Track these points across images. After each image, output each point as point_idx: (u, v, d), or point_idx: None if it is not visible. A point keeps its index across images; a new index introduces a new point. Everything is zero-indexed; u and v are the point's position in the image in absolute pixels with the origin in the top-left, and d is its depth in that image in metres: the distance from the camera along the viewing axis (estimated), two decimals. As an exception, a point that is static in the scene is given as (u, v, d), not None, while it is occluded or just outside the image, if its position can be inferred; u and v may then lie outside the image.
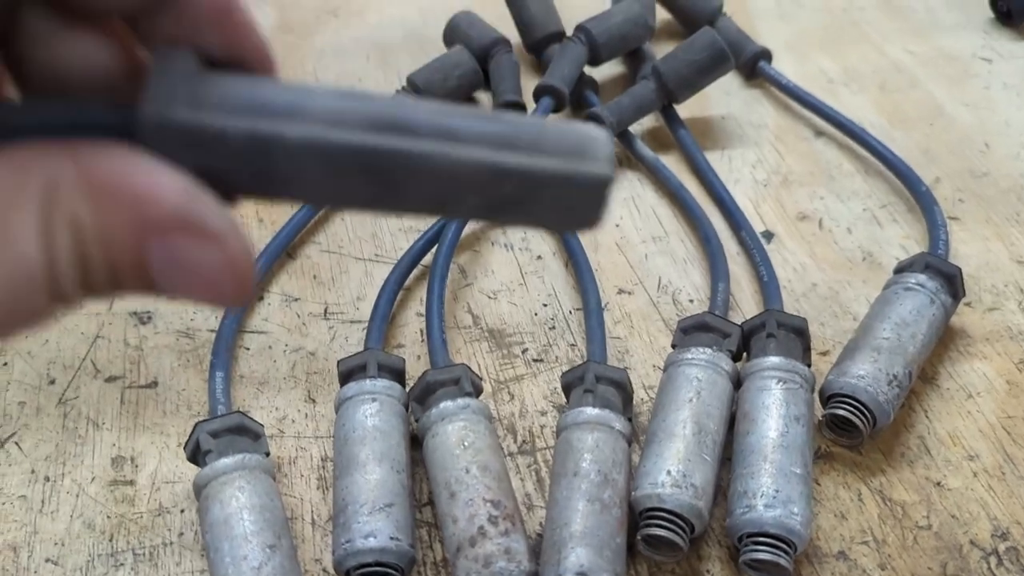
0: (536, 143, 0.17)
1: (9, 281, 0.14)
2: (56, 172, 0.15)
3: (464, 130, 0.16)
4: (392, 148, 0.16)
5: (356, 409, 0.41)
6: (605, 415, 0.40)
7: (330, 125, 0.16)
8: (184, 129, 0.15)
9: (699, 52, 0.57)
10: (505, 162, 0.16)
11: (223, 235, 0.16)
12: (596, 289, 0.48)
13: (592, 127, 0.18)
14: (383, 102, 0.17)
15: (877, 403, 0.41)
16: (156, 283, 0.16)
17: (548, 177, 0.17)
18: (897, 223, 0.54)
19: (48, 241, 0.14)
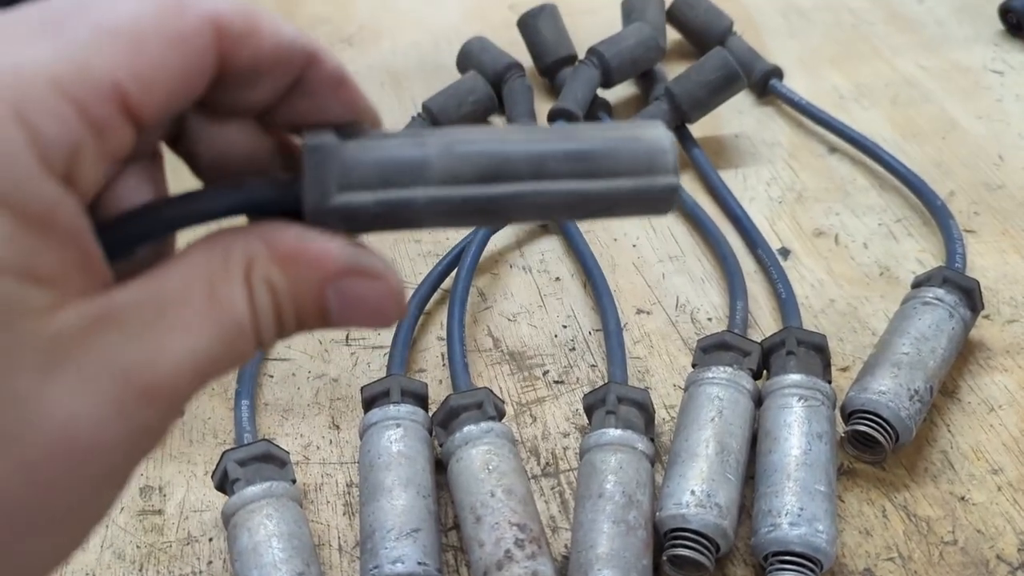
0: (613, 166, 0.20)
1: (227, 335, 0.19)
2: (252, 250, 0.19)
3: (554, 166, 0.20)
4: (498, 195, 0.20)
5: (380, 435, 0.41)
6: (628, 436, 0.40)
7: (447, 184, 0.20)
8: (338, 209, 0.20)
9: (711, 72, 0.58)
10: (589, 190, 0.20)
11: (385, 272, 0.20)
12: (615, 310, 0.48)
13: (658, 134, 0.21)
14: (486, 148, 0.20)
15: (899, 419, 0.41)
16: (332, 320, 0.20)
17: (626, 195, 0.20)
18: (913, 237, 0.54)
19: (252, 302, 0.19)
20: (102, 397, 0.17)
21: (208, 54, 0.19)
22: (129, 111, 0.18)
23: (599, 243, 0.55)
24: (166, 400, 0.18)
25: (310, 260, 0.19)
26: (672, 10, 0.68)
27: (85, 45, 0.17)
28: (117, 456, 0.18)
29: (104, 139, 0.18)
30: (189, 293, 0.18)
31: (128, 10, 0.18)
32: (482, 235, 0.52)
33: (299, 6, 0.80)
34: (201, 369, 0.18)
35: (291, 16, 0.79)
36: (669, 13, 0.68)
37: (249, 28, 0.19)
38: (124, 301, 0.18)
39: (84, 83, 0.17)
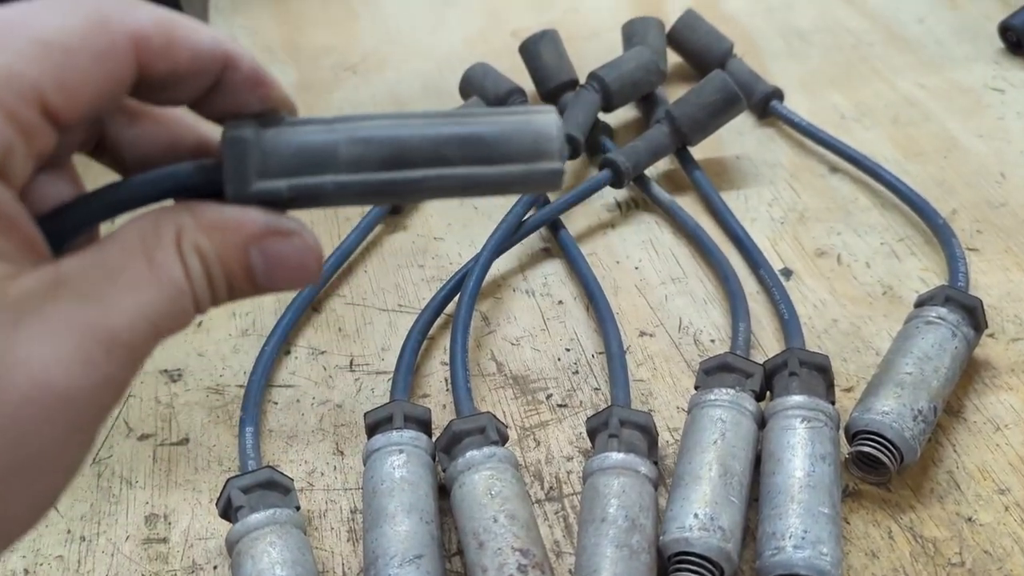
0: (504, 153, 0.22)
1: (169, 295, 0.21)
2: (180, 221, 0.21)
3: (449, 153, 0.22)
4: (399, 180, 0.22)
5: (384, 461, 0.41)
6: (630, 460, 0.40)
7: (353, 172, 0.22)
8: (256, 195, 0.22)
9: (711, 95, 0.58)
10: (482, 174, 0.23)
11: (299, 230, 0.23)
12: (618, 333, 0.48)
13: (546, 120, 0.23)
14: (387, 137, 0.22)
15: (903, 439, 0.41)
16: (259, 282, 0.22)
17: (516, 178, 0.23)
18: (915, 256, 0.54)
19: (184, 266, 0.21)
20: (69, 348, 0.19)
21: (127, 66, 0.21)
22: (53, 115, 0.20)
23: (601, 266, 0.55)
24: (126, 350, 0.20)
25: (231, 225, 0.22)
26: (672, 33, 0.69)
27: (14, 56, 0.19)
28: (85, 404, 0.20)
29: (30, 140, 0.20)
30: (129, 259, 0.20)
31: (57, 25, 0.20)
32: (484, 260, 0.52)
33: (304, 36, 0.81)
34: (152, 323, 0.20)
35: (296, 47, 0.80)
36: (670, 36, 0.69)
37: (167, 41, 0.21)
38: (73, 268, 0.20)
39: (11, 91, 0.19)
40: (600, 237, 0.58)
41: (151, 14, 0.21)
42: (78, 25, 0.20)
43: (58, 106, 0.20)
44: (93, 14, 0.20)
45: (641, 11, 0.79)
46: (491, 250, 0.53)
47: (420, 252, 0.58)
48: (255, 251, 0.22)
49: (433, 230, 0.59)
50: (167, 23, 0.21)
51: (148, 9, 0.21)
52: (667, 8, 0.80)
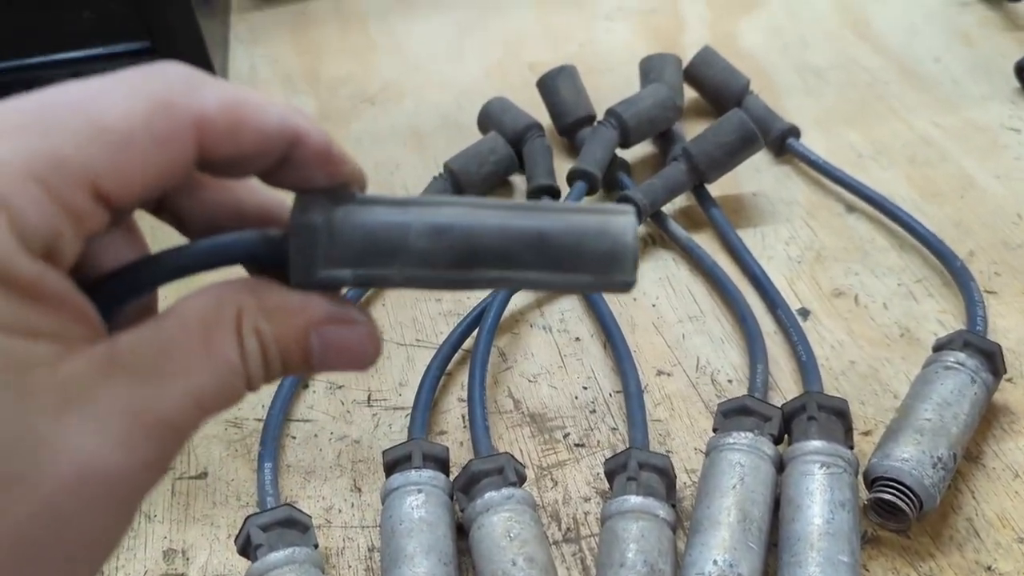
0: (576, 263, 0.22)
1: (222, 376, 0.21)
2: (242, 301, 0.21)
3: (522, 258, 0.22)
4: (469, 279, 0.22)
5: (402, 501, 0.41)
6: (649, 503, 0.40)
7: (421, 266, 0.22)
8: (320, 282, 0.22)
9: (729, 134, 0.59)
10: (552, 281, 0.22)
11: (362, 318, 0.23)
12: (636, 372, 0.49)
13: (624, 228, 0.22)
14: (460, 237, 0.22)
15: (923, 487, 0.41)
16: (315, 365, 0.22)
17: (584, 286, 0.22)
18: (933, 298, 0.54)
19: (242, 347, 0.21)
20: (113, 434, 0.19)
21: (188, 151, 0.20)
22: (105, 199, 0.20)
23: (618, 302, 0.55)
24: (171, 435, 0.20)
25: (295, 310, 0.22)
26: (689, 70, 0.69)
27: (69, 138, 0.19)
28: (128, 487, 0.19)
29: (80, 223, 0.19)
30: (186, 338, 0.20)
31: (117, 108, 0.19)
32: (502, 296, 0.53)
33: (322, 65, 0.82)
34: (201, 404, 0.20)
35: (315, 77, 0.81)
36: (686, 72, 0.69)
37: (232, 124, 0.21)
38: (127, 346, 0.20)
39: (61, 175, 0.19)
40: (617, 274, 0.58)
41: (218, 95, 0.21)
42: (139, 109, 0.20)
43: (111, 191, 0.19)
44: (156, 97, 0.20)
45: (657, 45, 0.80)
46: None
47: (438, 286, 0.58)
48: (315, 335, 0.22)
49: (451, 264, 0.59)
50: (234, 105, 0.21)
51: (215, 89, 0.21)
52: (683, 42, 0.81)
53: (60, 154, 0.19)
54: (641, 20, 0.85)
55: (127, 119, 0.19)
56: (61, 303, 0.19)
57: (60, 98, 0.20)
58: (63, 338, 0.19)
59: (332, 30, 0.88)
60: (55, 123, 0.19)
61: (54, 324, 0.19)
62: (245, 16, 0.92)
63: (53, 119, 0.19)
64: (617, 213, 0.22)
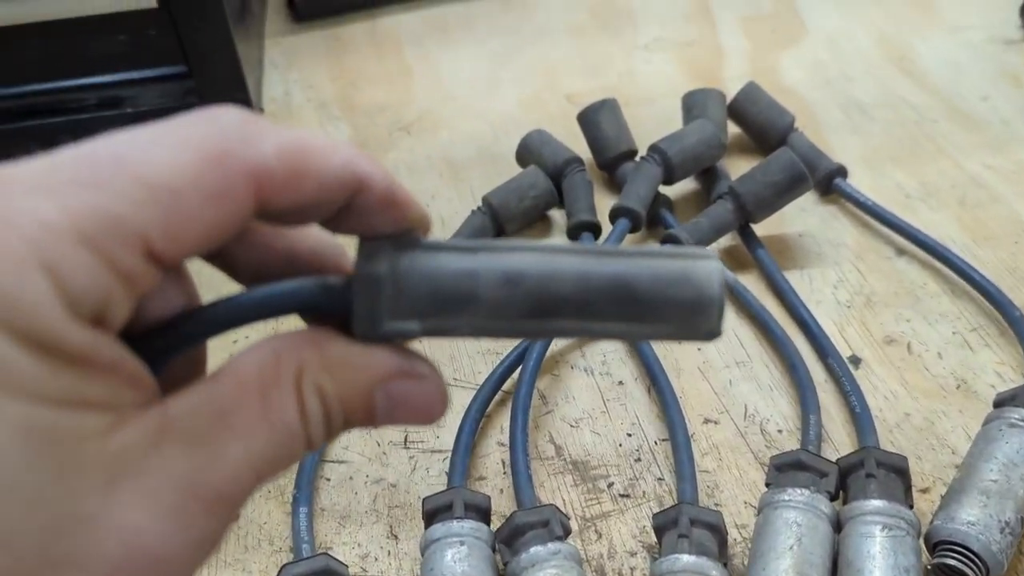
0: (659, 313, 0.20)
1: (280, 438, 0.19)
2: (303, 357, 0.20)
3: (600, 308, 0.20)
4: (544, 329, 0.21)
5: (444, 553, 0.40)
6: (701, 563, 0.38)
7: (493, 317, 0.20)
8: (386, 335, 0.21)
9: (777, 173, 0.57)
10: (633, 332, 0.21)
11: (430, 374, 0.21)
12: (683, 420, 0.47)
13: (709, 276, 0.21)
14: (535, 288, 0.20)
15: (990, 552, 0.39)
16: (378, 419, 0.21)
17: (666, 335, 0.21)
18: (990, 348, 0.52)
19: (303, 406, 0.20)
20: (165, 510, 0.18)
21: (244, 206, 0.19)
22: (157, 258, 0.18)
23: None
24: (226, 505, 0.19)
25: (358, 367, 0.20)
26: (733, 105, 0.68)
27: (117, 198, 0.18)
28: (177, 566, 0.18)
29: (131, 284, 0.18)
30: (243, 399, 0.19)
31: (166, 163, 0.18)
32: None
33: (358, 93, 0.81)
34: (257, 471, 0.19)
35: (350, 104, 0.80)
36: (730, 108, 0.68)
37: (292, 174, 0.19)
38: (180, 412, 0.19)
39: (112, 236, 0.17)
40: (660, 315, 0.56)
41: (276, 142, 0.19)
42: (190, 163, 0.18)
43: (163, 249, 0.18)
44: (209, 149, 0.18)
45: (696, 78, 0.79)
46: (551, 327, 0.52)
47: (476, 323, 0.56)
48: (381, 391, 0.20)
49: (489, 300, 0.58)
50: (294, 152, 0.19)
51: (274, 138, 0.19)
52: (722, 75, 0.80)
53: (110, 213, 0.17)
54: (680, 52, 0.84)
55: (178, 175, 0.18)
56: (112, 369, 0.18)
57: (107, 151, 0.18)
58: (114, 406, 0.18)
59: (367, 55, 0.87)
60: (103, 179, 0.18)
61: (105, 392, 0.18)
62: (279, 40, 0.91)
63: (101, 175, 0.18)
64: (701, 258, 0.21)
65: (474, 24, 0.91)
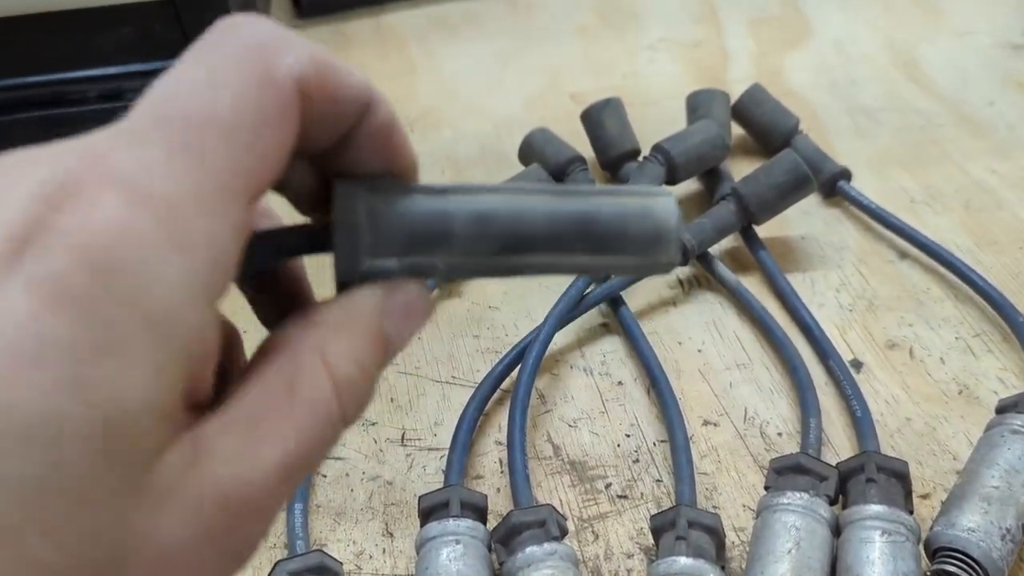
0: (622, 244, 0.22)
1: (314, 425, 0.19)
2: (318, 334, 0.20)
3: (568, 243, 0.22)
4: (513, 264, 0.22)
5: (439, 551, 0.39)
6: (699, 565, 0.38)
7: (468, 254, 0.21)
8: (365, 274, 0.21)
9: (781, 175, 0.57)
10: (597, 264, 0.22)
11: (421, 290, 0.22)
12: (682, 422, 0.47)
13: (666, 210, 0.22)
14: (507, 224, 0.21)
15: (991, 560, 0.38)
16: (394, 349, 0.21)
17: (630, 267, 0.23)
18: (993, 354, 0.52)
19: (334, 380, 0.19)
20: (204, 524, 0.17)
21: (297, 121, 0.19)
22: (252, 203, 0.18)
23: (663, 346, 0.54)
24: (260, 514, 0.18)
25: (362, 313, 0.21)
26: (738, 107, 0.68)
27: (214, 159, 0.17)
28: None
29: (241, 241, 0.18)
30: (270, 402, 0.19)
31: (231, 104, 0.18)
32: (545, 335, 0.51)
33: (361, 89, 0.81)
34: (291, 468, 0.19)
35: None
36: (734, 110, 0.68)
37: (325, 85, 0.19)
38: (212, 431, 0.18)
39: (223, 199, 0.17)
40: (661, 316, 0.56)
41: (309, 53, 0.19)
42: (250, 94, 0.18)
43: (257, 192, 0.18)
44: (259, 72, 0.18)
45: (701, 79, 0.78)
46: (552, 324, 0.51)
47: (475, 321, 0.56)
48: (388, 323, 0.21)
49: (488, 299, 0.58)
50: (325, 64, 0.19)
51: (304, 47, 0.19)
52: (727, 77, 0.80)
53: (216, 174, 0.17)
54: (685, 53, 0.84)
55: (246, 110, 0.18)
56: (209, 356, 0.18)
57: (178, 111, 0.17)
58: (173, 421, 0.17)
59: (371, 52, 0.87)
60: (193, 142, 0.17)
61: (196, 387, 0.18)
62: (283, 36, 0.91)
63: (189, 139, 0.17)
64: (658, 195, 0.23)
65: (479, 22, 0.91)
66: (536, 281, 0.59)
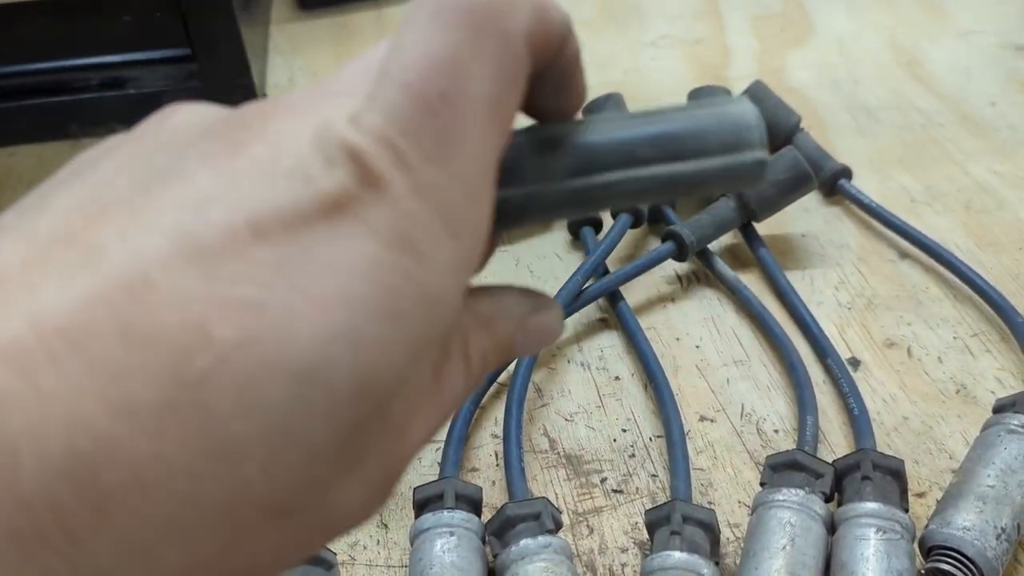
0: (701, 146, 0.20)
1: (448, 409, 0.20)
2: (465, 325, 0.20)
3: (643, 153, 0.20)
4: (591, 186, 0.20)
5: (433, 543, 0.39)
6: (693, 561, 0.38)
7: (540, 180, 0.20)
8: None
9: (782, 172, 0.57)
10: (679, 171, 0.20)
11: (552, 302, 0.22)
12: (679, 418, 0.46)
13: (743, 109, 0.21)
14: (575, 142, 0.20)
15: (985, 559, 0.38)
16: (515, 354, 0.22)
17: (716, 173, 0.20)
18: (991, 354, 0.52)
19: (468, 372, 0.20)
20: (369, 489, 0.18)
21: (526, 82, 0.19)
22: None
23: (660, 342, 0.53)
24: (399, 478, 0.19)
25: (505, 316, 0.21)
26: (739, 104, 0.67)
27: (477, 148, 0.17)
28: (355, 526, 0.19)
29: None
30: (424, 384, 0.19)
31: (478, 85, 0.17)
32: (542, 329, 0.51)
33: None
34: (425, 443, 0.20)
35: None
36: (736, 107, 0.68)
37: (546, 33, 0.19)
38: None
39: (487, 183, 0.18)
40: (659, 311, 0.56)
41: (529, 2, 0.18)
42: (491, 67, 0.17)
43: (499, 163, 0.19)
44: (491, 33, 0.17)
45: (703, 76, 0.78)
46: (549, 320, 0.51)
47: (473, 314, 0.56)
48: (520, 332, 0.21)
49: (487, 292, 0.58)
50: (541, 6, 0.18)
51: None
52: (729, 74, 0.79)
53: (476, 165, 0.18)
54: (687, 49, 0.84)
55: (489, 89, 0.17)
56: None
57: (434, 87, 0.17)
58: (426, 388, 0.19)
59: (372, 44, 0.86)
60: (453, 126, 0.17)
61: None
62: (284, 26, 0.91)
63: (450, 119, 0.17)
64: (734, 102, 0.21)
65: (481, 16, 0.90)
66: (534, 275, 0.59)
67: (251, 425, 0.15)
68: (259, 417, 0.15)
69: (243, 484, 0.15)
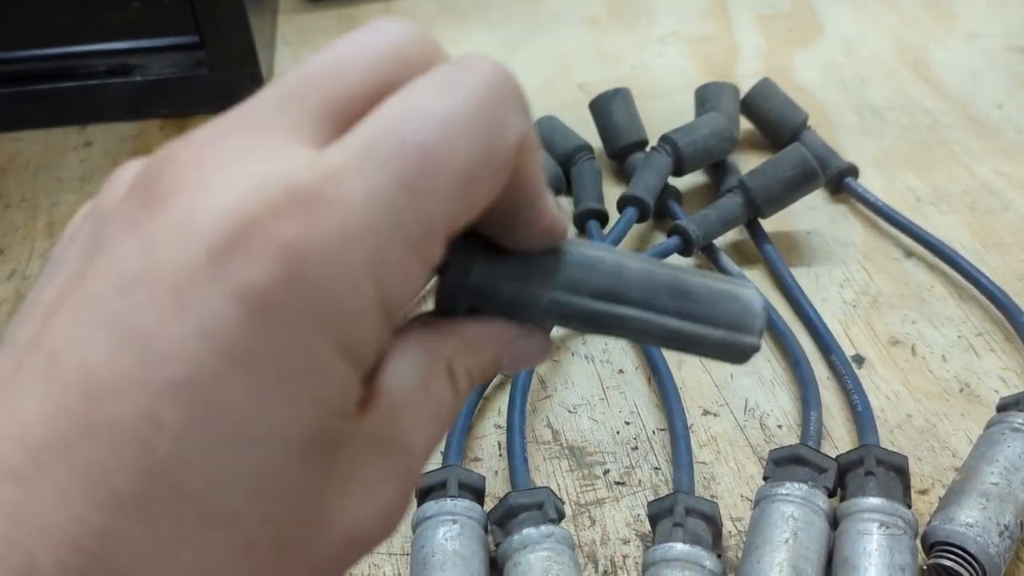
0: (711, 315, 0.22)
1: (444, 423, 0.20)
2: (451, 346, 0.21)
3: (662, 302, 0.22)
4: (609, 313, 0.22)
5: (436, 531, 0.39)
6: (695, 552, 0.38)
7: (567, 291, 0.21)
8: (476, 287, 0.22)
9: (789, 169, 0.57)
10: (684, 330, 0.22)
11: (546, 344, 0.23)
12: (682, 411, 0.46)
13: (753, 296, 0.22)
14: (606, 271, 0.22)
15: (987, 555, 0.38)
16: (500, 372, 0.23)
17: (713, 342, 0.22)
18: (995, 353, 0.52)
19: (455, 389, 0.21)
20: (381, 504, 0.19)
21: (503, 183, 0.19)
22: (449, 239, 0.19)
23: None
24: (411, 494, 0.20)
25: (490, 340, 0.22)
26: (747, 101, 0.68)
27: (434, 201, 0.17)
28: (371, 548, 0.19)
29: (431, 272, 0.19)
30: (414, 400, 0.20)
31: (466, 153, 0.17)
32: (546, 321, 0.51)
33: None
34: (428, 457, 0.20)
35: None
36: (743, 103, 0.68)
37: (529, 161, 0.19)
38: (380, 419, 0.19)
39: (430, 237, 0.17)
40: (664, 305, 0.56)
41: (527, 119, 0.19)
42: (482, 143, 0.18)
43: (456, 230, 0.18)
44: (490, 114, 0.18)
45: (710, 73, 0.78)
46: (554, 312, 0.51)
47: (477, 306, 0.56)
48: (505, 354, 0.22)
49: (492, 284, 0.58)
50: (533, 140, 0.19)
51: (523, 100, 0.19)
52: (736, 72, 0.79)
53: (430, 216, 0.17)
54: (695, 47, 0.84)
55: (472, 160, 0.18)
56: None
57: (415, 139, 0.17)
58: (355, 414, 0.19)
59: (380, 37, 0.86)
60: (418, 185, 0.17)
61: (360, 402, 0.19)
62: (292, 17, 0.91)
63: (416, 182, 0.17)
64: (744, 285, 0.23)
65: (488, 10, 0.91)
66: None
67: (230, 492, 0.16)
68: (230, 481, 0.16)
69: (243, 540, 0.16)
